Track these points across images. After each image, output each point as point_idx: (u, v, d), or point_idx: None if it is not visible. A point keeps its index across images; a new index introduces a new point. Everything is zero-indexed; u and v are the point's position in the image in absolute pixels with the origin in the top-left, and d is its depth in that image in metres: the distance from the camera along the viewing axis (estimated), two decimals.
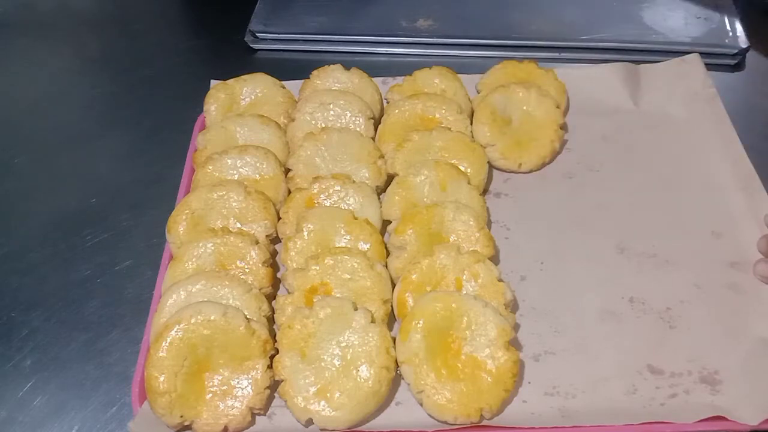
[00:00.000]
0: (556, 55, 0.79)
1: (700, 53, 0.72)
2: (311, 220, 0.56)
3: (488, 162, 0.63)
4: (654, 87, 0.70)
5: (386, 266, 0.54)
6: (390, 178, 0.61)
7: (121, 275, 0.59)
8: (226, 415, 0.47)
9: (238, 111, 0.67)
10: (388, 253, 0.56)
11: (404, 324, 0.49)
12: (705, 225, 0.59)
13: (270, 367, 0.49)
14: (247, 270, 0.54)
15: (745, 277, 0.55)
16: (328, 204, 0.58)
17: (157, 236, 0.61)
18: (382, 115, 0.67)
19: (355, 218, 0.56)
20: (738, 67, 0.77)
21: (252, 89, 0.69)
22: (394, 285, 0.54)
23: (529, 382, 0.49)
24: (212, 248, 0.54)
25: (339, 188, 0.59)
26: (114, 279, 0.59)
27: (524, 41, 0.80)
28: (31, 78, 0.83)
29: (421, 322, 0.49)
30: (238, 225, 0.57)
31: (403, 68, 0.73)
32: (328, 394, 0.47)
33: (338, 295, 0.52)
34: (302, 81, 0.70)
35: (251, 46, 0.83)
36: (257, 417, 0.48)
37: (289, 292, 0.53)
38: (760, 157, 0.63)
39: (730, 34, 0.77)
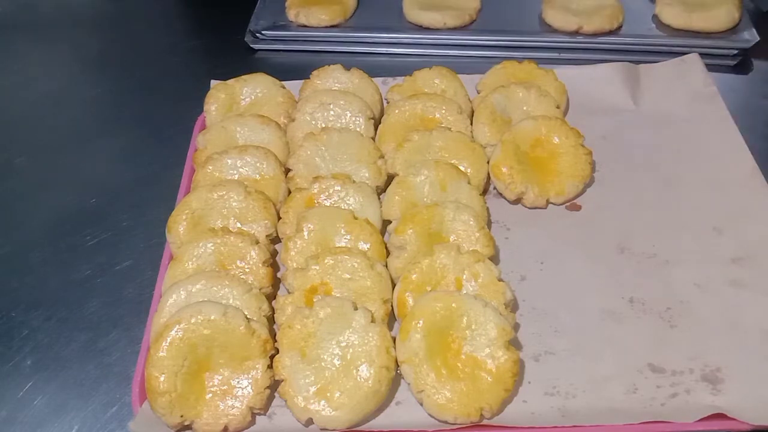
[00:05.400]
0: (556, 55, 0.79)
1: (700, 53, 0.72)
2: (311, 220, 0.56)
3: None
4: (654, 87, 0.70)
5: (386, 266, 0.54)
6: (390, 178, 0.61)
7: (121, 275, 0.59)
8: (226, 414, 0.47)
9: (238, 111, 0.67)
10: (388, 253, 0.56)
11: (404, 324, 0.49)
12: (706, 222, 0.59)
13: (270, 366, 0.48)
14: (247, 270, 0.54)
15: (748, 273, 0.54)
16: (328, 204, 0.58)
17: (157, 236, 0.60)
18: (382, 115, 0.67)
19: (355, 218, 0.56)
20: (738, 67, 0.77)
21: (252, 89, 0.69)
22: (394, 285, 0.53)
23: (529, 382, 0.49)
24: (212, 248, 0.54)
25: (339, 188, 0.59)
26: (114, 279, 0.59)
27: (524, 41, 0.80)
28: (31, 78, 0.83)
29: (421, 321, 0.48)
30: (238, 225, 0.57)
31: (403, 68, 0.73)
32: (328, 394, 0.47)
33: (338, 295, 0.51)
34: (302, 81, 0.70)
35: (251, 46, 0.83)
36: (257, 417, 0.48)
37: (289, 292, 0.53)
38: (761, 157, 0.63)
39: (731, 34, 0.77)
